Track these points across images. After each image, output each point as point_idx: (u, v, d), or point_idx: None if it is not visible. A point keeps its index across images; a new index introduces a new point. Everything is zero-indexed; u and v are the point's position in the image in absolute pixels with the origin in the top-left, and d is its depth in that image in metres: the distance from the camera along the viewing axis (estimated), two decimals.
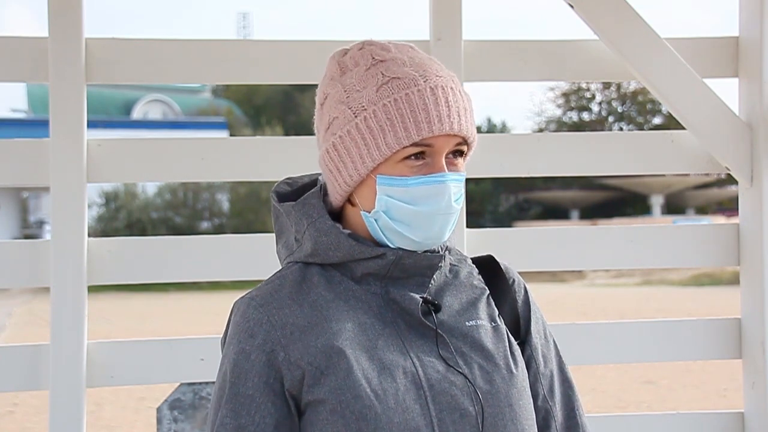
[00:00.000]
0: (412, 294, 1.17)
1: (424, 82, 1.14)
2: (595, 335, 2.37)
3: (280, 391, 1.12)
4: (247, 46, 2.34)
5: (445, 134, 1.14)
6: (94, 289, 2.45)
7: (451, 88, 1.16)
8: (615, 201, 38.05)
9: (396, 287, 1.18)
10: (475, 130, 1.20)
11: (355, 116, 1.15)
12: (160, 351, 2.24)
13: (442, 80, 1.16)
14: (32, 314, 17.17)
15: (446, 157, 1.16)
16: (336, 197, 1.21)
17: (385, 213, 1.15)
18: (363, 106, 1.15)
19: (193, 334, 2.46)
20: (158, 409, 2.62)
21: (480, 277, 1.28)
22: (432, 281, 1.20)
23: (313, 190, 1.23)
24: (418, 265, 1.18)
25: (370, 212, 1.17)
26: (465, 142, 1.18)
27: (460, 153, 1.18)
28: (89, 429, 2.36)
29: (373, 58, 1.18)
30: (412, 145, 1.13)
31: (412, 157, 1.14)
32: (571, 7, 2.25)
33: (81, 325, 2.17)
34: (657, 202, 37.27)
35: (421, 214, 1.14)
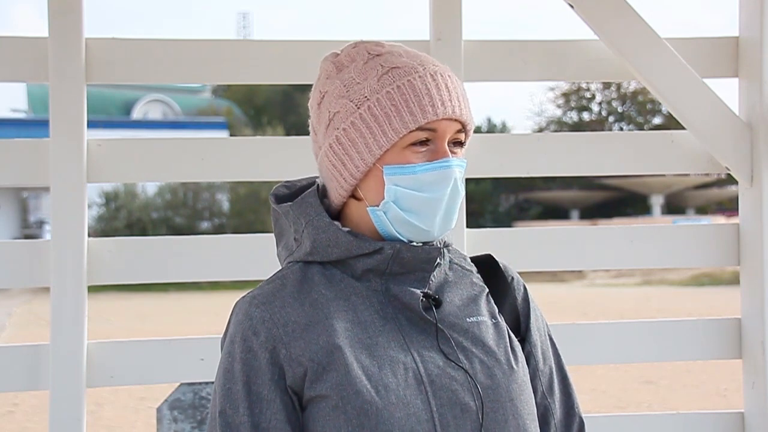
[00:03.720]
0: (412, 289, 1.18)
1: (423, 69, 1.17)
2: (595, 335, 2.37)
3: (284, 388, 1.13)
4: (247, 46, 2.34)
5: (448, 118, 1.16)
6: (94, 289, 2.45)
7: (449, 76, 1.19)
8: (615, 201, 38.04)
9: (396, 283, 1.18)
10: (473, 120, 1.22)
11: (358, 107, 1.17)
12: (160, 351, 2.24)
13: (439, 68, 1.19)
14: (32, 314, 17.17)
15: (449, 146, 1.18)
16: (340, 193, 1.21)
17: (394, 203, 1.16)
18: (365, 96, 1.17)
19: (193, 334, 2.46)
20: (158, 409, 2.62)
21: (479, 275, 1.29)
22: (432, 277, 1.21)
23: (309, 190, 1.24)
24: (417, 259, 1.18)
25: (378, 205, 1.18)
26: (463, 129, 1.20)
27: (459, 143, 1.20)
28: (89, 429, 2.36)
29: (369, 53, 1.20)
30: (417, 129, 1.15)
31: (418, 144, 1.16)
32: (571, 7, 2.25)
33: (81, 325, 2.17)
34: (657, 202, 37.27)
35: (430, 200, 1.16)
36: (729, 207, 34.24)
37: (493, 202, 38.12)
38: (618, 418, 2.44)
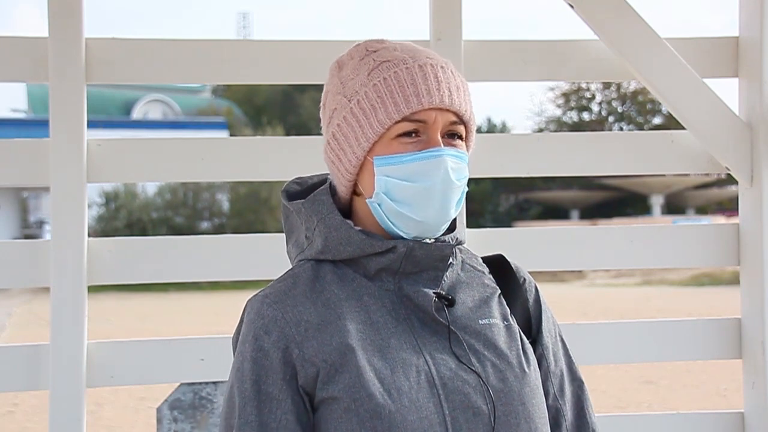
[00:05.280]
0: (425, 289, 1.17)
1: (413, 61, 1.17)
2: (595, 335, 2.37)
3: (296, 388, 1.13)
4: (247, 46, 2.34)
5: (435, 107, 1.15)
6: (94, 289, 2.45)
7: (441, 67, 1.18)
8: (615, 201, 38.04)
9: (409, 283, 1.18)
10: (472, 111, 1.20)
11: (349, 102, 1.17)
12: (160, 351, 2.24)
13: (432, 60, 1.18)
14: (32, 314, 17.17)
15: (444, 138, 1.17)
16: (342, 189, 1.22)
17: (386, 194, 1.16)
18: (356, 91, 1.17)
19: (193, 334, 2.46)
20: (158, 409, 2.62)
21: (491, 276, 1.28)
22: (445, 277, 1.20)
23: (322, 188, 1.24)
24: (430, 257, 1.18)
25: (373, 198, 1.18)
26: (461, 121, 1.18)
27: (459, 136, 1.19)
28: (89, 429, 2.36)
29: (367, 49, 1.21)
30: (403, 120, 1.14)
31: (406, 135, 1.15)
32: (571, 7, 2.26)
33: (81, 325, 2.17)
34: (657, 202, 37.27)
35: (419, 190, 1.15)
36: (729, 207, 34.24)
37: (493, 202, 38.11)
38: (618, 418, 2.44)
